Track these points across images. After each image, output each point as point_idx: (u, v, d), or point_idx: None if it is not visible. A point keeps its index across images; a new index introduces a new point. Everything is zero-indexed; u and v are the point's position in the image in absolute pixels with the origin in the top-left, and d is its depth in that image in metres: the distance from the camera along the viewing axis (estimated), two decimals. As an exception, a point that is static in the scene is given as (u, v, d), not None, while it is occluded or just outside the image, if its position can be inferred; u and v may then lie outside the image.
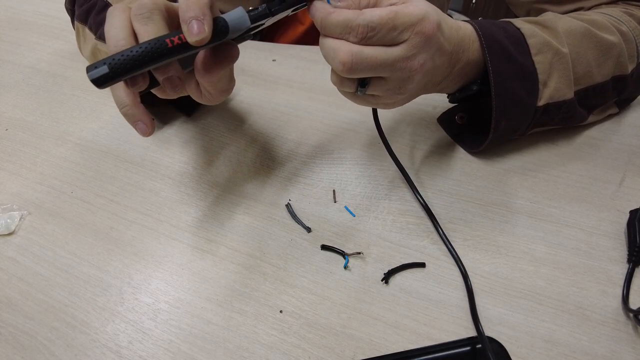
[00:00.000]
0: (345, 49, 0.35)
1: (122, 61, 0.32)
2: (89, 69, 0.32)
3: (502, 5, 0.70)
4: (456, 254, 0.43)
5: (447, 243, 0.43)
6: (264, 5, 0.35)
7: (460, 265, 0.42)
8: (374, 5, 0.37)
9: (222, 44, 0.36)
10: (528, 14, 0.63)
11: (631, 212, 0.44)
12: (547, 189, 0.48)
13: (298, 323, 0.39)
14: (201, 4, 0.33)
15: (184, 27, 0.32)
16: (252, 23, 0.35)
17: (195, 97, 0.41)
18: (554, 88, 0.46)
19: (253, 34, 0.39)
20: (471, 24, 0.44)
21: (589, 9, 0.56)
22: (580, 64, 0.47)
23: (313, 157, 0.53)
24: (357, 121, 0.57)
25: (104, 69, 0.32)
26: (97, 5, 0.58)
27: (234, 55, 0.37)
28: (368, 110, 0.45)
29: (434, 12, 0.37)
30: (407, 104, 0.43)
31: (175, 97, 0.42)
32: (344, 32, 0.35)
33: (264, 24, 0.37)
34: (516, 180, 0.49)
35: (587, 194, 0.47)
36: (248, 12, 0.35)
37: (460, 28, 0.42)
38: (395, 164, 0.48)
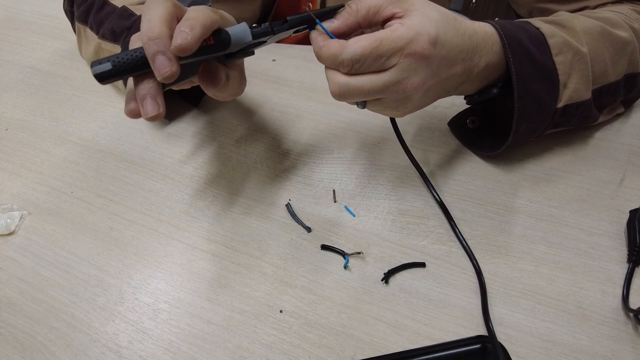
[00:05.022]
0: (334, 80, 0.37)
1: (126, 61, 0.33)
2: (93, 64, 0.33)
3: (502, 5, 0.70)
4: (468, 247, 0.43)
5: (460, 236, 0.44)
6: (267, 24, 0.37)
7: (473, 260, 0.42)
8: (373, 17, 0.37)
9: (209, 67, 0.37)
10: (530, 14, 0.63)
11: (631, 211, 0.44)
12: (547, 188, 0.48)
13: (298, 323, 0.39)
14: (194, 22, 0.33)
15: (173, 40, 0.33)
16: (253, 39, 0.37)
17: (210, 95, 0.42)
18: (573, 89, 0.45)
19: (256, 49, 0.40)
20: (491, 25, 0.43)
21: (594, 8, 0.56)
22: (597, 63, 0.46)
23: (313, 157, 0.53)
24: (357, 121, 0.57)
25: (107, 66, 0.33)
26: (95, 4, 0.58)
27: (219, 78, 0.38)
28: (367, 110, 0.45)
29: (427, 29, 0.36)
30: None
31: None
32: (334, 65, 0.37)
33: (265, 41, 0.39)
34: (516, 180, 0.49)
35: (587, 194, 0.47)
36: (251, 28, 0.37)
37: (475, 32, 0.41)
38: (411, 160, 0.48)
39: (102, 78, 0.33)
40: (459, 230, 0.44)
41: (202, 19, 0.34)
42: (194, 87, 0.44)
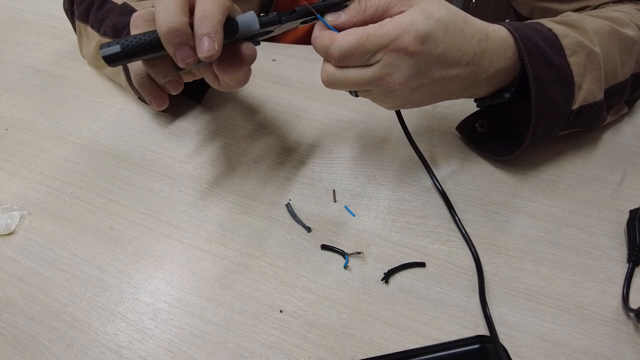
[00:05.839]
0: (324, 69, 0.39)
1: (135, 44, 0.34)
2: (102, 47, 0.34)
3: (502, 5, 0.70)
4: (466, 232, 0.43)
5: (460, 224, 0.44)
6: (274, 13, 0.37)
7: (472, 248, 0.43)
8: (381, 15, 0.37)
9: (241, 45, 0.37)
10: (531, 13, 0.63)
11: (631, 211, 0.44)
12: (547, 188, 0.48)
13: (298, 323, 0.39)
14: (214, 21, 0.34)
15: (196, 42, 0.34)
16: (261, 28, 0.37)
17: (213, 85, 0.42)
18: (587, 90, 0.44)
19: (262, 40, 0.40)
20: (506, 28, 0.42)
21: (595, 7, 0.55)
22: (608, 63, 0.45)
23: (313, 157, 0.53)
24: (357, 121, 0.57)
25: (116, 49, 0.34)
26: (95, 2, 0.58)
27: (252, 57, 0.38)
28: (368, 110, 0.45)
29: (417, 26, 0.36)
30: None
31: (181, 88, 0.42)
32: (324, 56, 0.38)
33: (272, 31, 0.39)
34: (516, 180, 0.49)
35: (587, 194, 0.47)
36: (259, 17, 0.37)
37: (487, 37, 0.40)
38: (414, 149, 0.48)
39: (111, 60, 0.34)
40: (458, 217, 0.45)
41: (219, 11, 0.34)
42: (197, 83, 0.44)
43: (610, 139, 0.53)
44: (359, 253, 0.43)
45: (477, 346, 0.37)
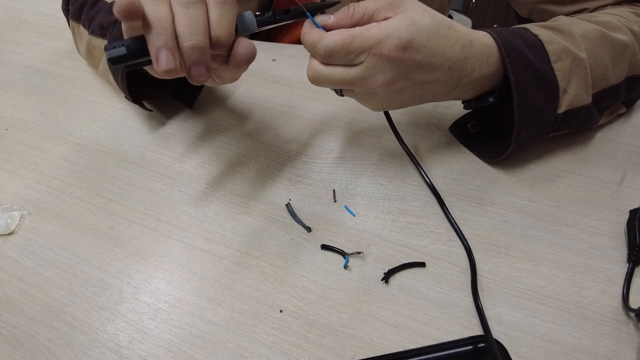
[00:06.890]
0: (310, 65, 0.41)
1: (141, 46, 0.33)
2: (107, 48, 0.33)
3: (501, 5, 0.70)
4: (456, 223, 0.44)
5: (452, 219, 0.45)
6: (270, 12, 0.39)
7: (463, 240, 0.43)
8: (367, 21, 0.39)
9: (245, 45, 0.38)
10: (530, 14, 0.63)
11: (631, 211, 0.44)
12: (547, 188, 0.48)
13: (298, 323, 0.39)
14: (229, 41, 0.35)
15: None
16: (258, 27, 0.39)
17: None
18: (573, 95, 0.45)
19: (253, 35, 0.41)
20: (490, 35, 0.43)
21: (594, 9, 0.56)
22: (597, 67, 0.46)
23: (313, 157, 0.53)
24: (357, 121, 0.57)
25: (121, 51, 0.33)
26: (88, 1, 0.59)
27: (253, 54, 0.38)
28: (368, 110, 0.46)
29: (400, 33, 0.37)
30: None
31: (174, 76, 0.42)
32: (312, 52, 0.40)
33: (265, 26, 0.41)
34: (516, 180, 0.49)
35: (587, 194, 0.47)
36: (255, 16, 0.38)
37: (471, 43, 0.41)
38: (407, 154, 0.49)
39: (115, 62, 0.33)
40: (450, 214, 0.45)
41: (233, 27, 0.35)
42: (188, 88, 0.43)
43: (610, 139, 0.53)
44: (359, 253, 0.43)
45: (476, 346, 0.37)
